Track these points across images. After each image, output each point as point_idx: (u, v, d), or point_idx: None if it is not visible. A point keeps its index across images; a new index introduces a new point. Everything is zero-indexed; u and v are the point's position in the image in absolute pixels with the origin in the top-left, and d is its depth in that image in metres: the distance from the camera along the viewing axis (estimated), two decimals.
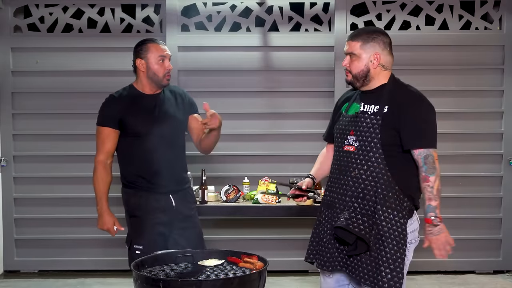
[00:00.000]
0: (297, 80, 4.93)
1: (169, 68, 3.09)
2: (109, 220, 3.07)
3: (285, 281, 4.73)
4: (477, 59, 4.93)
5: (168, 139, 3.09)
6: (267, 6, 4.90)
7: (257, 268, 2.45)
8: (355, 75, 2.57)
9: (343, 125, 2.65)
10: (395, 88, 2.56)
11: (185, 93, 3.29)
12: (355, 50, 2.55)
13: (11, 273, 4.96)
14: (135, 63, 3.10)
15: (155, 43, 3.10)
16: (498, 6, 4.93)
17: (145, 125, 3.04)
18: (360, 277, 2.50)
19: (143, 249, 3.02)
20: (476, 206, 4.95)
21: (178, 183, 3.15)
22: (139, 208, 3.07)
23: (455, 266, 4.94)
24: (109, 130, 3.05)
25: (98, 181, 3.07)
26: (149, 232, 3.05)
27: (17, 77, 4.94)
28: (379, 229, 2.46)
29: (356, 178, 2.52)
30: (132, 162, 3.09)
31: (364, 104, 2.58)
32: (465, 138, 4.95)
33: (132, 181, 3.09)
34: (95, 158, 3.09)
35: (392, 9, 4.93)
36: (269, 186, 4.04)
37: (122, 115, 3.03)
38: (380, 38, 2.55)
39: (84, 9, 4.90)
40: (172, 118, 3.13)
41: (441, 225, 2.51)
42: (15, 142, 4.96)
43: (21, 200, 4.96)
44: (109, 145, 3.06)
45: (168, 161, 3.07)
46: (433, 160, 2.47)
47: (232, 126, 4.92)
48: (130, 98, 3.09)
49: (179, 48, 4.87)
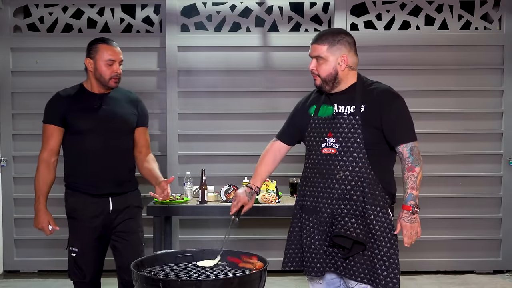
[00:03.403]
0: (297, 80, 4.93)
1: (117, 71, 2.98)
2: (44, 219, 3.01)
3: (285, 281, 4.73)
4: (477, 59, 4.93)
5: (110, 139, 2.98)
6: (267, 6, 4.90)
7: (257, 268, 2.45)
8: (324, 79, 2.55)
9: (317, 128, 2.61)
10: (366, 86, 2.56)
11: (139, 101, 3.16)
12: (322, 53, 2.54)
13: (11, 273, 4.96)
14: (85, 62, 3.03)
15: (108, 44, 3.00)
16: (498, 6, 4.94)
17: (86, 123, 2.95)
18: (355, 276, 2.50)
19: (78, 252, 2.99)
20: (476, 206, 4.95)
21: (119, 186, 3.02)
22: (75, 210, 3.01)
23: (455, 266, 4.95)
24: (53, 127, 3.00)
25: (38, 179, 3.01)
26: (83, 235, 2.98)
27: (17, 77, 4.94)
28: (370, 228, 2.47)
29: (341, 180, 2.50)
30: (73, 161, 3.02)
31: (338, 105, 2.56)
32: (465, 138, 4.95)
33: (72, 181, 3.03)
34: (39, 156, 3.04)
35: (392, 9, 4.93)
36: (269, 186, 4.04)
37: (65, 113, 2.96)
38: (345, 40, 2.54)
39: (84, 9, 4.90)
40: (117, 118, 3.01)
41: (417, 216, 2.50)
42: (15, 142, 4.96)
43: (21, 200, 4.96)
44: (53, 143, 3.01)
45: (109, 162, 2.98)
46: (418, 151, 2.50)
47: (232, 126, 4.93)
48: (75, 96, 3.01)
49: (179, 48, 4.87)
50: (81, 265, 3.00)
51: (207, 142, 4.90)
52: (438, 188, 4.83)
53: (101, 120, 2.97)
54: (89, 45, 3.03)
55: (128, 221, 3.04)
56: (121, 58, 3.02)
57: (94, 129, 2.95)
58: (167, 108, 4.89)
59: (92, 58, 2.99)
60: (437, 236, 4.83)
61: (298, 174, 4.57)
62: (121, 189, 3.04)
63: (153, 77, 4.97)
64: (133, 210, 3.09)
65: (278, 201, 3.95)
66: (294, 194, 4.25)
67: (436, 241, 4.85)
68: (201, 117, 4.94)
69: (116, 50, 3.00)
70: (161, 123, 4.94)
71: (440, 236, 4.87)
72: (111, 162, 2.99)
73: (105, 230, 3.02)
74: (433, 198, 4.81)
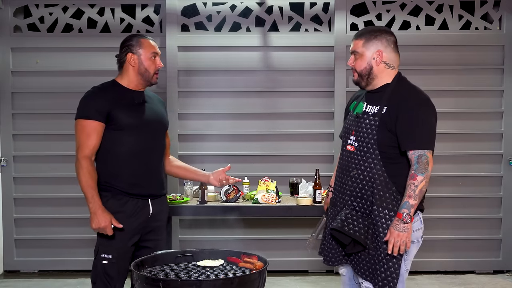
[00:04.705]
0: (297, 80, 4.93)
1: (160, 65, 2.95)
2: (106, 217, 2.74)
3: (285, 281, 4.73)
4: (477, 59, 4.93)
5: (154, 138, 2.93)
6: (267, 6, 4.90)
7: (257, 268, 2.45)
8: (360, 73, 2.61)
9: (347, 125, 2.71)
10: (398, 88, 2.57)
11: (163, 102, 3.16)
12: (358, 48, 2.60)
13: (11, 273, 4.96)
14: (123, 58, 2.92)
15: (147, 39, 2.95)
16: (498, 6, 4.94)
17: (131, 119, 2.83)
18: (361, 272, 2.59)
19: (112, 259, 2.79)
20: (476, 206, 4.95)
21: (158, 187, 2.96)
22: (117, 212, 2.80)
23: (455, 266, 4.95)
24: (96, 123, 2.77)
25: (87, 178, 2.74)
26: (121, 241, 2.81)
27: (17, 77, 4.94)
28: (375, 228, 2.50)
29: (354, 178, 2.57)
30: (113, 160, 2.83)
31: (367, 105, 2.62)
32: (465, 138, 4.95)
33: (109, 182, 2.83)
34: (79, 155, 2.77)
35: (392, 9, 4.93)
36: (269, 186, 4.04)
37: (110, 108, 2.79)
38: (383, 36, 2.58)
39: (84, 9, 4.90)
40: (159, 116, 2.99)
41: (408, 225, 2.44)
42: (15, 142, 4.96)
43: (21, 200, 4.96)
44: (95, 140, 2.78)
45: (152, 161, 2.91)
46: (426, 161, 2.45)
47: (232, 126, 4.93)
48: (116, 91, 2.87)
49: (179, 48, 4.87)
50: (113, 274, 2.80)
51: (207, 142, 4.90)
52: (438, 188, 4.83)
53: (145, 117, 2.89)
54: (127, 41, 2.94)
55: (162, 228, 3.00)
56: (160, 52, 2.99)
57: (139, 126, 2.85)
58: (167, 108, 4.87)
59: (135, 53, 2.89)
60: (437, 236, 4.83)
61: (298, 174, 4.60)
62: (161, 190, 2.98)
63: None
64: (165, 215, 3.07)
65: (278, 201, 3.94)
66: (294, 194, 4.24)
67: (436, 241, 4.85)
68: (201, 117, 4.94)
69: (156, 44, 2.96)
70: None
71: (440, 236, 4.87)
72: (155, 161, 2.93)
73: (141, 235, 2.89)
74: (433, 198, 4.80)
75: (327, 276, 4.88)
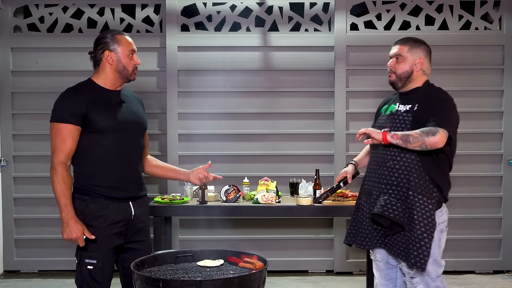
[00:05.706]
0: (297, 80, 4.94)
1: (138, 63, 2.86)
2: (78, 228, 2.68)
3: (285, 281, 4.73)
4: (477, 59, 4.93)
5: (133, 140, 2.84)
6: (267, 6, 4.91)
7: (257, 268, 2.45)
8: (399, 75, 2.89)
9: (381, 123, 2.97)
10: (428, 90, 2.88)
11: (142, 101, 3.04)
12: (403, 52, 2.89)
13: (11, 273, 4.96)
14: (99, 56, 2.82)
15: (123, 35, 2.84)
16: (498, 6, 4.94)
17: (111, 121, 2.74)
18: (397, 253, 2.81)
19: (97, 264, 2.73)
20: (476, 206, 4.95)
21: (138, 188, 2.89)
22: (98, 217, 2.73)
23: (455, 266, 4.94)
24: (71, 127, 2.68)
25: (61, 185, 2.66)
26: (104, 245, 2.74)
27: (17, 77, 4.95)
28: (410, 212, 2.74)
29: (390, 168, 2.81)
30: (91, 162, 2.74)
31: (400, 104, 2.90)
32: (465, 138, 4.92)
33: (88, 185, 2.74)
34: (54, 160, 2.68)
35: (392, 9, 4.93)
36: (269, 186, 4.04)
37: (87, 110, 2.69)
38: (424, 47, 2.92)
39: (84, 9, 4.91)
40: (137, 117, 2.89)
41: (382, 137, 2.69)
42: (15, 142, 4.96)
43: (21, 200, 4.97)
44: (71, 144, 2.69)
45: (131, 163, 2.84)
46: (433, 133, 2.63)
47: (232, 126, 4.93)
48: (92, 91, 2.77)
49: (179, 48, 4.88)
50: (99, 278, 2.75)
51: (207, 142, 4.90)
52: None
53: (124, 118, 2.80)
54: (103, 38, 2.84)
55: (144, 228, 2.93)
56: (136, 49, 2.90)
57: (117, 128, 2.76)
58: (167, 108, 4.89)
59: (112, 50, 2.79)
60: None
61: (298, 174, 4.60)
62: (141, 192, 2.91)
63: (153, 77, 4.97)
64: (147, 216, 3.00)
65: (278, 201, 3.94)
66: (294, 194, 4.24)
67: None
68: (201, 117, 4.94)
69: (132, 41, 2.87)
70: (161, 123, 4.94)
71: None
72: (134, 163, 2.86)
73: (124, 238, 2.83)
74: None
75: (327, 276, 4.88)
